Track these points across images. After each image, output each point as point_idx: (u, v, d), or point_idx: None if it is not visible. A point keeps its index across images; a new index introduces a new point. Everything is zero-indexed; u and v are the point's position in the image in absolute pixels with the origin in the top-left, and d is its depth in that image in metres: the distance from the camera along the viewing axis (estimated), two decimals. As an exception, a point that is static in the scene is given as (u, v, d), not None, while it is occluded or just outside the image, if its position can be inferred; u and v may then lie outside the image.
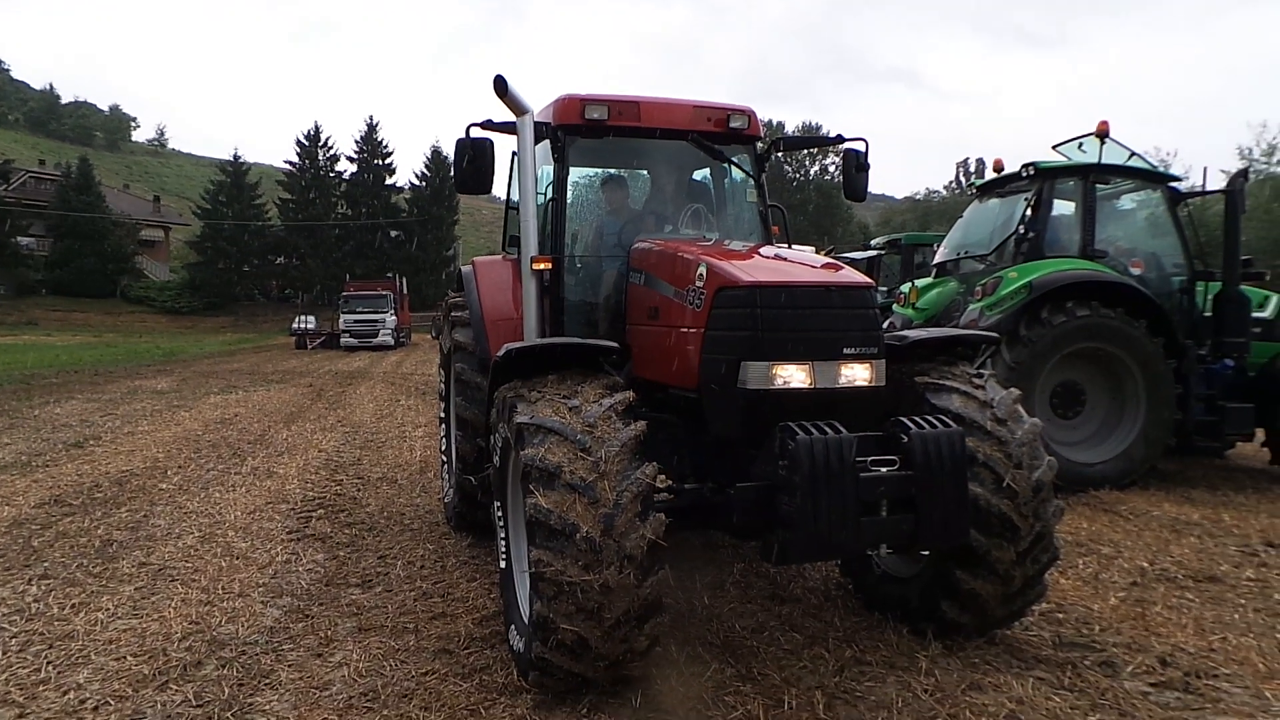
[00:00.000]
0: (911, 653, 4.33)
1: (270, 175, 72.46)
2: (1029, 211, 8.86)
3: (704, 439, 4.55)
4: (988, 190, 9.88)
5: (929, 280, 10.20)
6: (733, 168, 6.23)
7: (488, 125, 5.61)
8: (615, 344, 4.36)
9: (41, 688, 4.00)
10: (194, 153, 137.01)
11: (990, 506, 4.12)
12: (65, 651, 4.41)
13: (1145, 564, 5.93)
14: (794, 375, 3.98)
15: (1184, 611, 5.01)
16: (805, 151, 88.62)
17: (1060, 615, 4.95)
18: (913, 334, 4.91)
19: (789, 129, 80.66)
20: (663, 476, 5.40)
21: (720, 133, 5.87)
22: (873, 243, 15.75)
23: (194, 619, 4.87)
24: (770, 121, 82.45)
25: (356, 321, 39.80)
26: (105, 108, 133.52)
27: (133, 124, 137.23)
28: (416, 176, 71.00)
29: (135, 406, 15.87)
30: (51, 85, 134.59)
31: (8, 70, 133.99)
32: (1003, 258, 9.03)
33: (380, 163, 69.71)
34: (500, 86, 5.29)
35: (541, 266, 5.39)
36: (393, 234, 69.43)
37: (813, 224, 77.69)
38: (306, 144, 68.11)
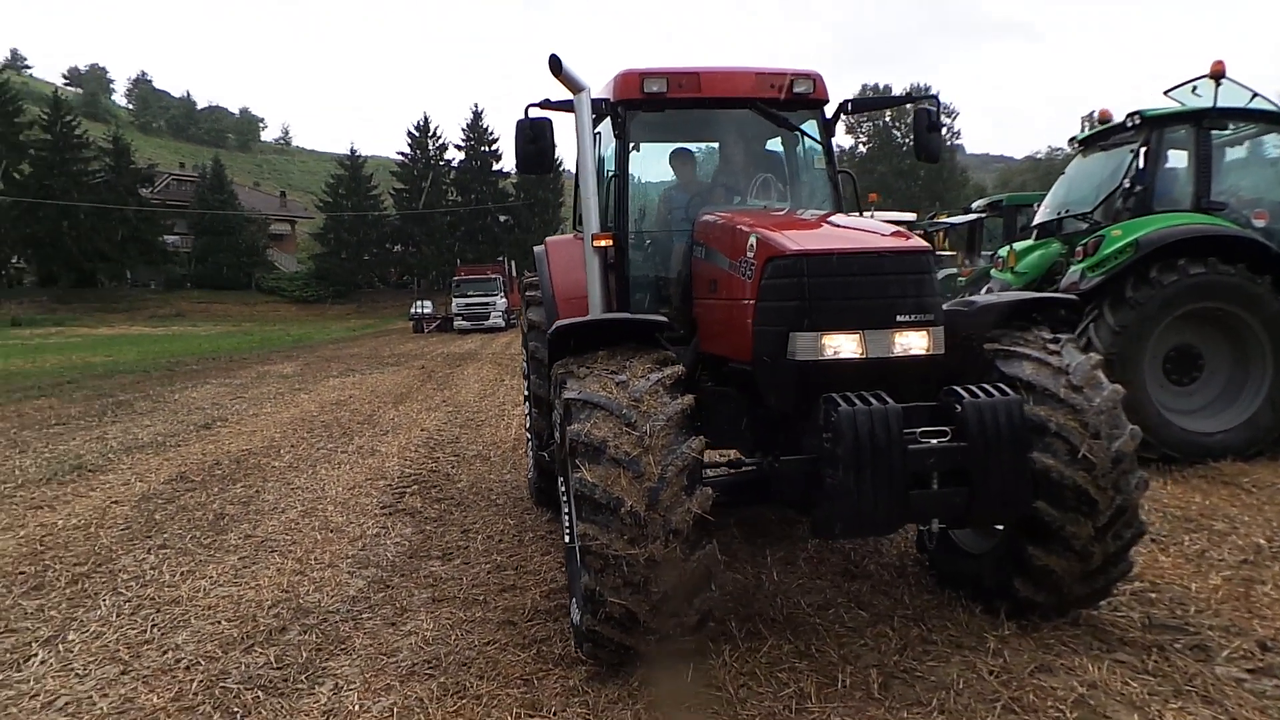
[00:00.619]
0: (981, 632, 4.16)
1: (385, 166, 75.30)
2: (1136, 164, 8.25)
3: (765, 413, 4.48)
4: (1091, 144, 9.25)
5: (1029, 242, 9.66)
6: (803, 135, 6.07)
7: (546, 105, 5.65)
8: (663, 318, 4.33)
9: (145, 647, 4.36)
10: (316, 149, 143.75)
11: (1064, 479, 3.89)
12: (170, 615, 4.79)
13: (1263, 541, 5.48)
14: (844, 345, 3.86)
15: None
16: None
17: (1154, 595, 4.64)
18: (981, 299, 4.69)
19: (894, 92, 77.52)
20: (733, 452, 5.40)
21: (785, 99, 5.71)
22: (974, 205, 15.02)
23: (285, 587, 5.18)
24: (877, 85, 79.67)
25: (468, 305, 41.06)
26: (236, 111, 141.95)
27: (261, 124, 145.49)
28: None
29: (261, 390, 16.92)
30: (189, 92, 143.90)
31: (150, 81, 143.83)
32: (1107, 215, 8.46)
33: (487, 149, 71.30)
34: (555, 65, 5.31)
35: (602, 243, 5.41)
36: (501, 218, 71.03)
37: (925, 189, 74.86)
38: (417, 134, 70.39)
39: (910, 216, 17.57)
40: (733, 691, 3.69)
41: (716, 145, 6.55)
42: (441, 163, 71.24)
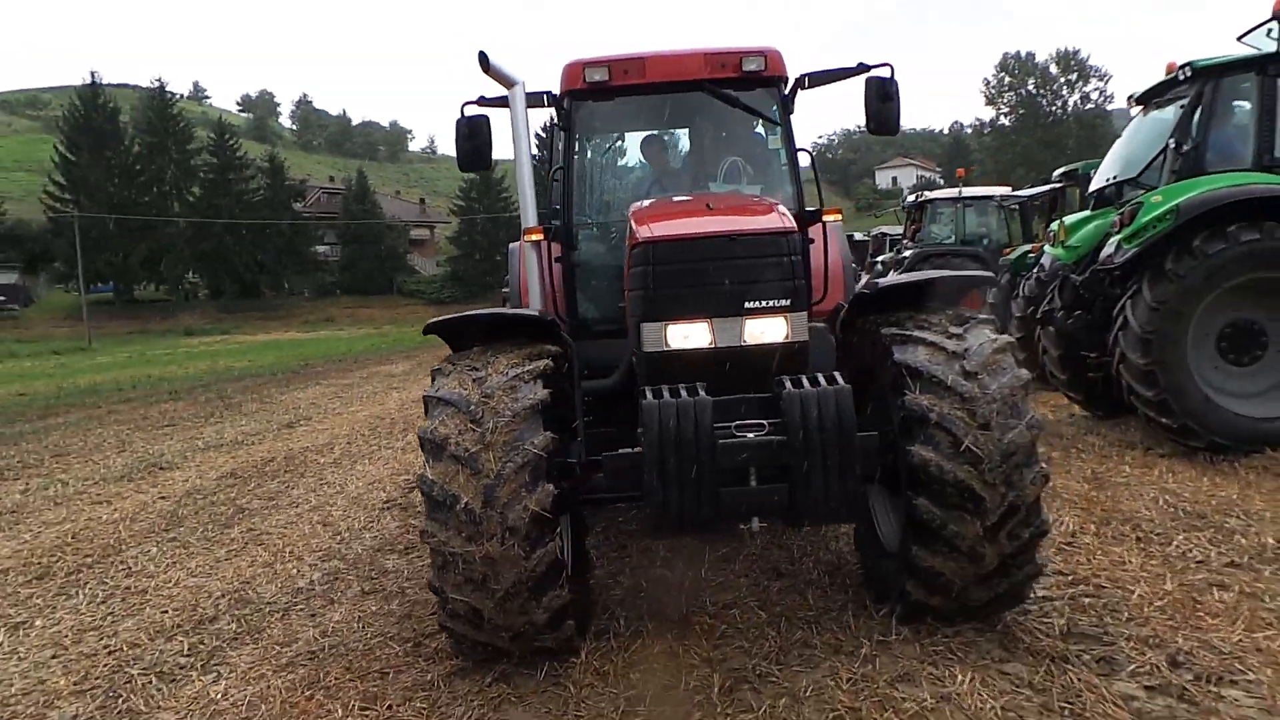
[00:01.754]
0: (868, 637, 3.89)
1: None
2: (1188, 120, 7.42)
3: None
4: (1148, 101, 8.38)
5: (1083, 214, 8.88)
6: (758, 115, 5.83)
7: (482, 102, 5.69)
8: (540, 312, 4.26)
9: (88, 633, 4.74)
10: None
11: (945, 474, 3.57)
12: (128, 604, 5.19)
13: (1272, 540, 4.83)
14: (691, 334, 3.70)
15: (1256, 602, 4.03)
16: (1063, 81, 79.85)
17: (1091, 599, 4.18)
18: (886, 280, 4.37)
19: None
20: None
21: (737, 78, 5.51)
22: (1055, 174, 13.91)
23: (246, 579, 5.49)
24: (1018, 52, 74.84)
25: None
26: (386, 124, 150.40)
27: (409, 135, 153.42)
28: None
29: (363, 390, 17.90)
30: (344, 110, 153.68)
31: (310, 102, 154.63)
32: (1158, 179, 7.65)
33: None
34: (484, 61, 5.35)
35: (534, 238, 5.40)
36: (628, 213, 71.92)
37: (1077, 159, 69.82)
38: (544, 135, 72.23)
39: (999, 190, 16.53)
40: (575, 690, 3.63)
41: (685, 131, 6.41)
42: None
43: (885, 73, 5.43)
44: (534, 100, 5.88)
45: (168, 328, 57.55)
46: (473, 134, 5.58)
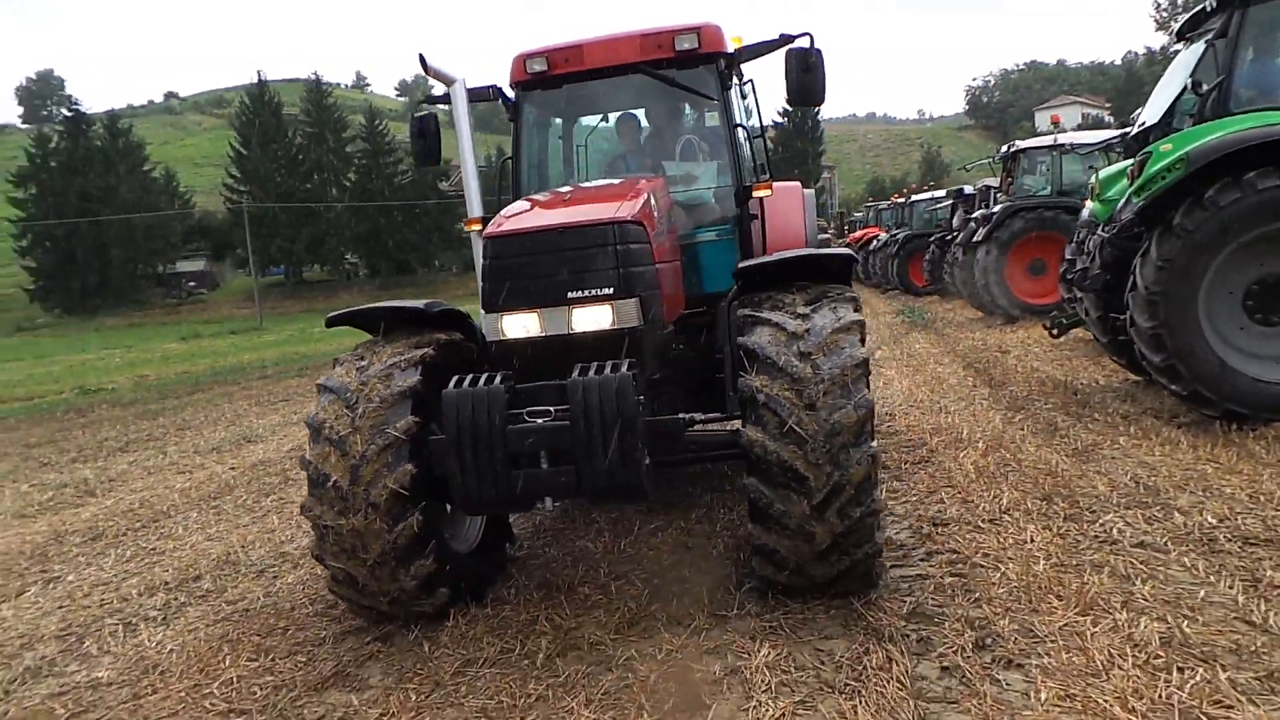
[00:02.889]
0: (720, 611, 4.04)
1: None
2: (1215, 55, 6.76)
3: None
4: (1183, 35, 7.64)
5: (1119, 165, 8.24)
6: (693, 94, 5.88)
7: (429, 100, 6.05)
8: (428, 304, 4.58)
9: (98, 588, 5.56)
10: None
11: (769, 454, 3.68)
12: (141, 564, 6.00)
13: (1212, 520, 4.53)
14: (521, 324, 3.94)
15: (1121, 585, 3.84)
16: None
17: (954, 579, 4.12)
18: (747, 263, 4.45)
19: None
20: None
21: (672, 58, 5.60)
22: (1132, 116, 12.70)
23: (244, 544, 6.19)
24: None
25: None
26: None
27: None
28: (778, 113, 71.23)
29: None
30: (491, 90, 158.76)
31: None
32: (1182, 122, 7.02)
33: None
34: (422, 62, 5.72)
35: (474, 228, 5.73)
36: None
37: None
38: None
39: (1102, 135, 15.19)
40: (428, 650, 4.00)
41: (642, 112, 6.52)
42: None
43: (805, 43, 5.38)
44: (479, 95, 6.19)
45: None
46: (422, 133, 5.98)
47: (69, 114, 73.61)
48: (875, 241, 30.27)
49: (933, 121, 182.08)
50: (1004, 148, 16.51)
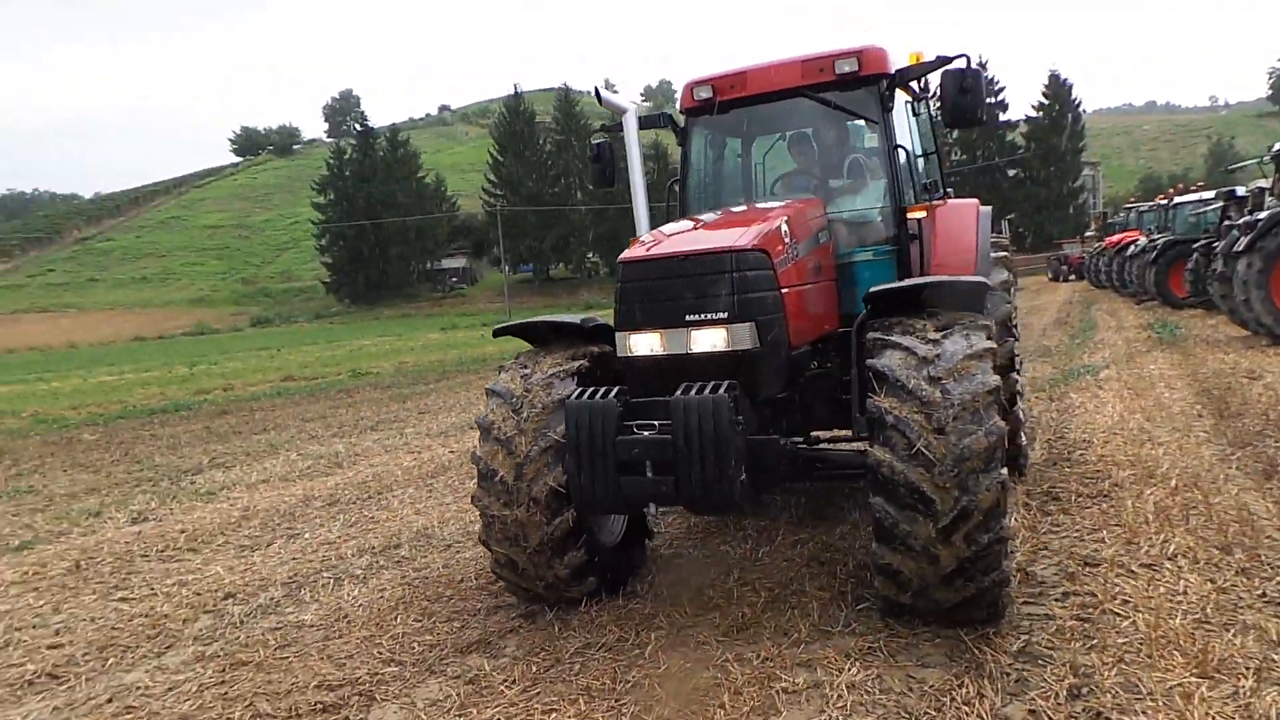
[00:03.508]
0: (827, 626, 4.20)
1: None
2: None
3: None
4: None
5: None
6: (855, 115, 5.96)
7: (604, 129, 6.58)
8: (584, 320, 5.05)
9: (324, 546, 6.60)
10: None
11: (896, 474, 3.78)
12: (359, 530, 7.02)
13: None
14: (646, 343, 4.28)
15: (1267, 649, 3.50)
16: None
17: (1086, 627, 3.94)
18: (878, 287, 4.48)
19: None
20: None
21: (833, 81, 5.75)
22: None
23: (440, 522, 7.04)
24: None
25: (945, 271, 39.90)
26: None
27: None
28: (1034, 108, 66.18)
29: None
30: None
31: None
32: None
33: (993, 100, 66.83)
34: (597, 96, 6.29)
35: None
36: (1010, 173, 66.15)
37: None
38: (919, 97, 69.07)
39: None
40: (558, 631, 4.48)
41: (809, 132, 6.65)
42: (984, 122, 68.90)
43: (962, 64, 5.32)
44: (650, 122, 6.63)
45: (572, 301, 66.01)
46: (598, 158, 6.53)
47: (359, 129, 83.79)
48: (1133, 247, 27.43)
49: (1228, 109, 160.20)
50: (1276, 145, 14.50)
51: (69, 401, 20.01)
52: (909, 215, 5.56)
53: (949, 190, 7.43)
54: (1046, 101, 65.81)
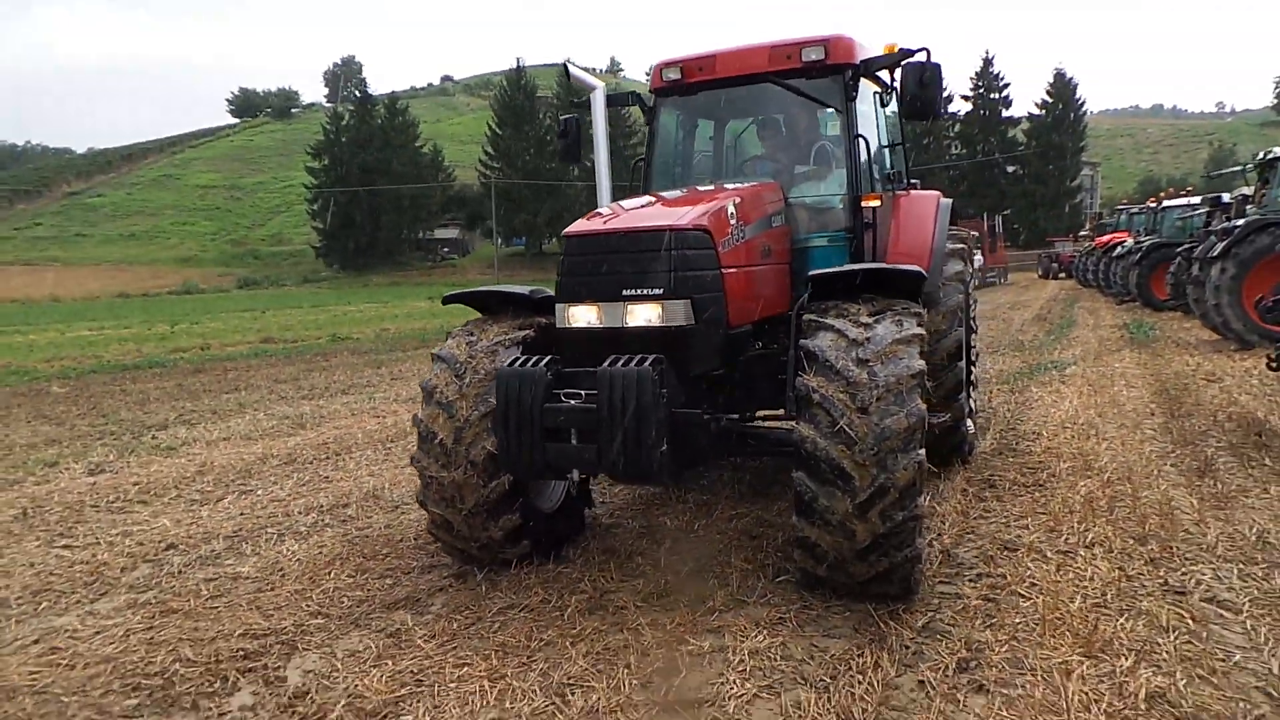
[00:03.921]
0: (744, 596, 4.30)
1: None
2: None
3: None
4: None
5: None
6: (818, 103, 5.99)
7: (572, 105, 6.60)
8: (532, 290, 5.10)
9: (274, 503, 6.66)
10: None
11: (818, 450, 3.88)
12: (313, 488, 7.09)
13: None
14: (584, 315, 4.35)
15: (1153, 634, 3.61)
16: None
17: (990, 607, 4.06)
18: (818, 271, 4.56)
19: None
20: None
21: (799, 68, 5.79)
22: None
23: (392, 484, 7.12)
24: None
25: (935, 264, 40.05)
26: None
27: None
28: (1037, 105, 66.11)
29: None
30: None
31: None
32: None
33: (996, 96, 66.75)
34: (565, 72, 6.31)
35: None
36: (1009, 169, 66.18)
37: None
38: (920, 89, 68.84)
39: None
40: (484, 591, 4.57)
41: (779, 117, 6.68)
42: (945, 116, 68.79)
43: (922, 58, 5.38)
44: (618, 100, 6.66)
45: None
46: (564, 133, 6.57)
47: (359, 95, 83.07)
48: (1120, 248, 27.57)
49: (1233, 116, 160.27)
50: (1260, 153, 14.59)
51: (43, 354, 19.95)
52: (863, 204, 5.63)
53: (914, 182, 7.51)
54: (1050, 100, 65.73)
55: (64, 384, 14.87)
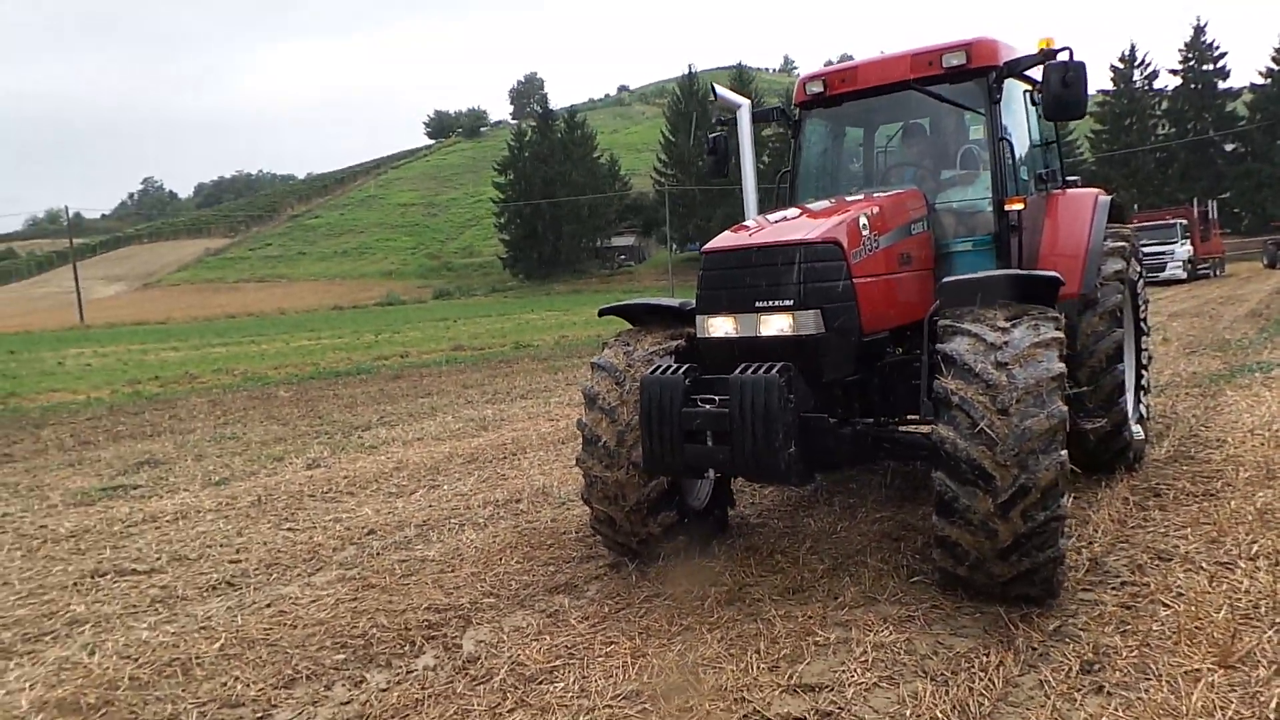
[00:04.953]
0: (875, 594, 4.49)
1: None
2: None
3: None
4: None
5: None
6: (961, 108, 6.04)
7: (719, 123, 6.95)
8: (682, 303, 5.47)
9: (457, 497, 7.44)
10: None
11: (959, 451, 4.03)
12: (491, 484, 7.84)
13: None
14: (721, 326, 4.68)
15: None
16: None
17: (1128, 614, 4.02)
18: (950, 278, 4.64)
19: None
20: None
21: (941, 74, 5.90)
22: None
23: (560, 482, 7.75)
24: None
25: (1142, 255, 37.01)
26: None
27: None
28: (1260, 74, 59.35)
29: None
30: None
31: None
32: None
33: (1211, 67, 60.53)
34: (713, 91, 6.71)
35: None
36: (1228, 147, 59.80)
37: None
38: (1121, 67, 63.63)
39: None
40: (634, 581, 5.01)
41: (924, 123, 6.74)
42: (1150, 93, 63.18)
43: (1065, 57, 5.32)
44: (764, 116, 6.94)
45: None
46: (714, 150, 6.94)
47: (540, 111, 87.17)
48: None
49: None
50: None
51: (272, 362, 22.61)
52: (1007, 207, 5.62)
53: (1074, 179, 7.29)
54: (1277, 66, 58.76)
55: (289, 389, 16.90)
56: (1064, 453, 3.93)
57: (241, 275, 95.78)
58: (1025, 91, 6.32)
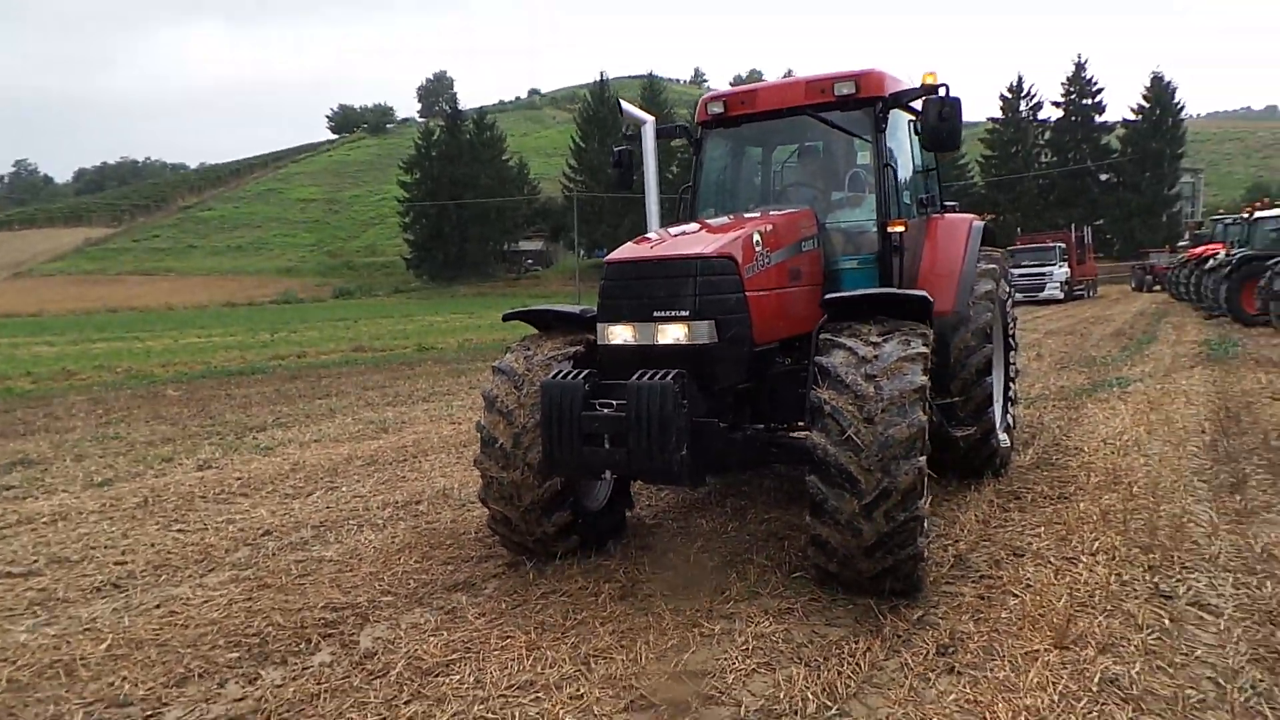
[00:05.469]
0: (758, 590, 4.77)
1: (970, 134, 73.88)
2: None
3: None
4: None
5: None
6: (849, 134, 6.43)
7: (625, 137, 7.19)
8: (583, 310, 5.67)
9: (356, 499, 7.43)
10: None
11: (828, 456, 4.34)
12: (391, 486, 7.84)
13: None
14: (621, 334, 4.90)
15: (1127, 631, 3.93)
16: None
17: (983, 604, 4.43)
18: (833, 295, 5.00)
19: None
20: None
21: (832, 102, 6.27)
22: None
23: (461, 484, 7.81)
24: None
25: (1021, 275, 39.23)
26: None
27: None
28: (1132, 110, 63.81)
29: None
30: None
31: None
32: None
33: (1089, 102, 64.74)
34: (618, 106, 6.93)
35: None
36: (1102, 177, 64.03)
37: None
38: (1010, 97, 67.32)
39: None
40: (532, 578, 5.16)
41: (819, 145, 7.12)
42: (1034, 123, 67.06)
43: (943, 93, 5.75)
44: (667, 132, 7.22)
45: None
46: (619, 163, 7.16)
47: (449, 110, 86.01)
48: (1212, 260, 26.63)
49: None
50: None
51: (159, 360, 21.66)
52: (889, 229, 6.03)
53: (951, 205, 7.84)
54: (1147, 105, 63.36)
55: (178, 387, 16.27)
56: (923, 459, 4.29)
57: (125, 267, 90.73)
58: (910, 121, 6.78)
